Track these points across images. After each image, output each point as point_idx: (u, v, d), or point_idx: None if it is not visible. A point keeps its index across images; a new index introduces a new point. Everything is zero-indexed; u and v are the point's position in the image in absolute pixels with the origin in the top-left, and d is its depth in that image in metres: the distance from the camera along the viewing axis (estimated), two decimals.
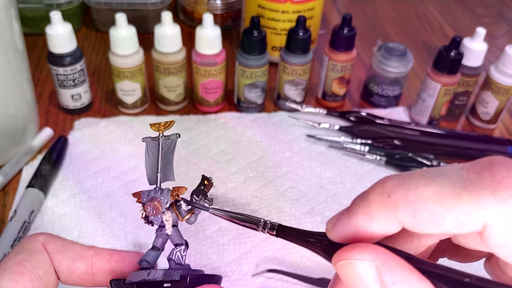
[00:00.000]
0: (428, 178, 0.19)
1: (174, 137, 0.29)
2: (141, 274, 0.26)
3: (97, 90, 0.69)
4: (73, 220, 0.51)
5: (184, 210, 0.28)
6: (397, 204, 0.20)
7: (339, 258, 0.20)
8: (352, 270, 0.20)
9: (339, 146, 0.61)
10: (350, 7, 0.95)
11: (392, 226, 0.20)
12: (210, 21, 0.58)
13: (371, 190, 0.21)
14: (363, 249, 0.20)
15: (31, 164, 0.56)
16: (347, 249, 0.20)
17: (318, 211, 0.53)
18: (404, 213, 0.20)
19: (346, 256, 0.20)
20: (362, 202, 0.21)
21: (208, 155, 0.59)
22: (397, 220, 0.20)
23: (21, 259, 0.26)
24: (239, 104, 0.66)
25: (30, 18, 0.76)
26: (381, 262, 0.19)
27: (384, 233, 0.21)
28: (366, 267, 0.19)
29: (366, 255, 0.19)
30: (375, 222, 0.20)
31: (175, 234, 0.28)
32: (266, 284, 0.46)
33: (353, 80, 0.73)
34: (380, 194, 0.20)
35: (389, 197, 0.20)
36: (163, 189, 0.28)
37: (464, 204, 0.18)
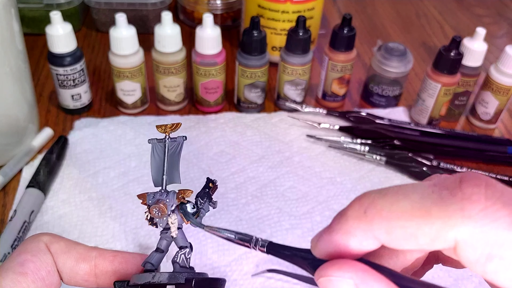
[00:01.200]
0: (402, 194, 0.20)
1: (181, 139, 0.29)
2: (145, 276, 0.26)
3: (97, 90, 0.69)
4: (73, 220, 0.51)
5: (189, 212, 0.28)
6: (372, 220, 0.20)
7: (320, 275, 0.21)
8: (332, 287, 0.20)
9: (339, 146, 0.61)
10: (350, 7, 0.95)
11: (370, 242, 0.20)
12: (210, 21, 0.58)
13: (350, 207, 0.21)
14: (341, 266, 0.20)
15: (31, 164, 0.56)
16: (327, 266, 0.20)
17: (318, 211, 0.53)
18: (379, 230, 0.20)
19: (326, 273, 0.20)
20: (340, 219, 0.21)
21: (208, 155, 0.59)
22: (373, 237, 0.20)
23: (24, 259, 0.26)
24: (239, 104, 0.66)
25: (30, 18, 0.76)
26: (360, 280, 0.19)
27: (363, 249, 0.21)
28: (344, 284, 0.20)
29: (345, 272, 0.20)
30: (353, 238, 0.21)
31: (180, 236, 0.28)
32: (266, 284, 0.46)
33: (353, 80, 0.73)
34: (357, 211, 0.21)
35: (365, 214, 0.20)
36: (169, 192, 0.28)
37: (434, 220, 0.18)
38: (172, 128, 0.29)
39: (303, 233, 0.51)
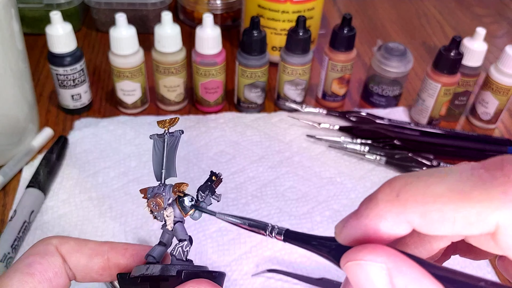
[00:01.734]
0: (438, 176, 0.19)
1: (178, 133, 0.29)
2: (141, 268, 0.26)
3: (97, 90, 0.69)
4: (73, 220, 0.51)
5: (187, 206, 0.28)
6: (406, 203, 0.19)
7: (348, 259, 0.19)
8: (362, 272, 0.19)
9: (339, 146, 0.61)
10: (350, 7, 0.95)
11: (402, 227, 0.19)
12: (210, 21, 0.58)
13: (379, 191, 0.20)
14: (373, 250, 0.19)
15: (31, 164, 0.56)
16: (356, 250, 0.19)
17: (318, 211, 0.53)
18: (413, 213, 0.19)
19: (355, 256, 0.19)
20: (370, 203, 0.20)
21: (208, 155, 0.59)
22: (406, 221, 0.19)
23: (32, 261, 0.26)
24: (239, 104, 0.66)
25: (30, 18, 0.76)
26: (393, 264, 0.18)
27: (393, 234, 0.20)
28: (376, 269, 0.18)
29: (377, 256, 0.18)
30: (384, 223, 0.20)
31: (179, 229, 0.28)
32: (266, 284, 0.46)
33: (353, 80, 0.73)
34: (388, 194, 0.20)
35: (398, 197, 0.19)
36: (166, 185, 0.29)
37: (475, 203, 0.17)
38: (170, 122, 0.29)
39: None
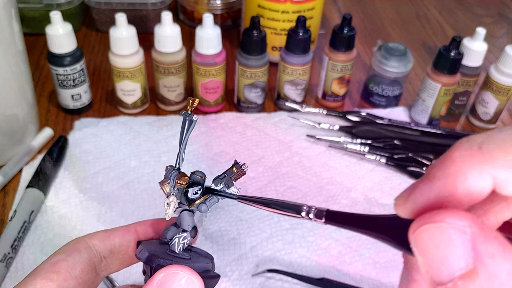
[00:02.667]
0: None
1: (193, 118, 0.27)
2: (140, 248, 0.27)
3: (97, 90, 0.69)
4: (73, 220, 0.51)
5: (190, 197, 0.27)
6: (492, 154, 0.17)
7: (424, 222, 0.17)
8: (440, 236, 0.16)
9: (339, 146, 0.61)
10: (350, 7, 0.95)
11: (483, 184, 0.17)
12: (210, 21, 0.58)
13: (454, 148, 0.18)
14: (456, 213, 0.16)
15: (31, 164, 0.56)
16: (434, 214, 0.17)
17: None
18: (500, 165, 0.17)
19: (434, 219, 0.17)
20: (444, 163, 0.18)
21: (208, 155, 0.59)
22: (491, 176, 0.17)
23: (58, 259, 0.26)
24: (239, 104, 0.66)
25: (30, 18, 0.76)
26: (478, 229, 0.16)
27: (471, 197, 0.18)
28: (458, 232, 0.16)
29: (461, 219, 0.16)
30: (462, 182, 0.17)
31: (184, 219, 0.27)
32: (266, 284, 0.46)
33: (353, 80, 0.73)
34: (467, 149, 0.18)
35: (480, 149, 0.17)
36: (175, 172, 0.28)
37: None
38: (191, 103, 0.27)
39: (303, 233, 0.51)
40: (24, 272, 0.45)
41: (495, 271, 0.15)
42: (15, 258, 0.46)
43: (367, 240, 0.51)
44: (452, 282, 0.16)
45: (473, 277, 0.15)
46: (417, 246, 0.17)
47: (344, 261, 0.49)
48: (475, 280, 0.15)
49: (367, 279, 0.47)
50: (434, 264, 0.17)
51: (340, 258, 0.49)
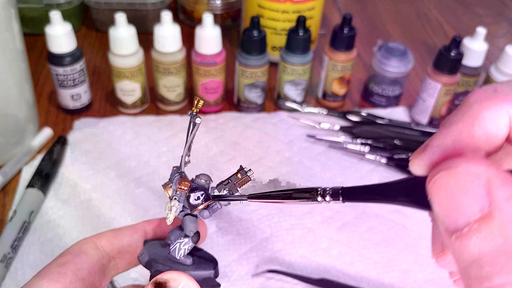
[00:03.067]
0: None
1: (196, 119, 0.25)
2: (143, 251, 0.27)
3: (97, 90, 0.69)
4: (73, 220, 0.50)
5: (192, 203, 0.26)
6: (507, 95, 0.17)
7: (439, 170, 0.17)
8: (456, 183, 0.16)
9: (339, 146, 0.60)
10: (350, 7, 0.95)
11: (501, 124, 0.17)
12: (210, 21, 0.58)
13: (470, 96, 0.18)
14: (472, 158, 0.16)
15: (31, 164, 0.56)
16: (451, 160, 0.17)
17: (318, 211, 0.53)
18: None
19: (450, 165, 0.17)
20: (460, 109, 0.18)
21: (208, 155, 0.59)
22: (507, 114, 0.17)
23: (65, 260, 0.26)
24: (239, 104, 0.66)
25: (30, 18, 0.76)
26: (495, 174, 0.16)
27: (490, 137, 0.18)
28: (474, 178, 0.16)
29: (477, 164, 0.16)
30: (480, 121, 0.17)
31: (186, 224, 0.27)
32: (266, 284, 0.46)
33: (353, 80, 0.73)
34: (483, 93, 0.18)
35: (496, 91, 0.18)
36: (177, 175, 0.27)
37: None
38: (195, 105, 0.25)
39: (303, 233, 0.51)
40: (24, 272, 0.45)
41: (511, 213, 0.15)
42: (15, 258, 0.46)
43: (367, 240, 0.51)
44: (468, 227, 0.16)
45: (489, 221, 0.15)
46: (433, 195, 0.17)
47: (344, 261, 0.49)
48: (491, 223, 0.15)
49: (367, 279, 0.47)
50: (449, 211, 0.16)
51: (340, 258, 0.49)
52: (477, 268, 0.15)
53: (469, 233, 0.16)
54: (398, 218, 0.53)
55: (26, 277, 0.45)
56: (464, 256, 0.16)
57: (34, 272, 0.46)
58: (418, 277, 0.48)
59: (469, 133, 0.18)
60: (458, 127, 0.18)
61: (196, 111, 0.25)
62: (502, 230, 0.15)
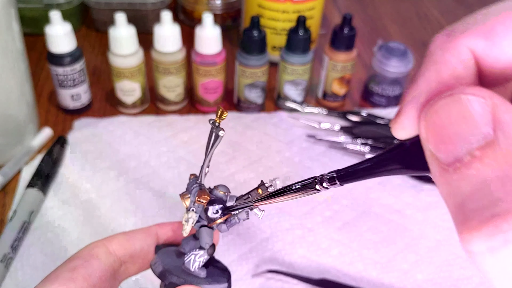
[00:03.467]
0: (492, 7, 0.17)
1: (219, 132, 0.25)
2: (155, 259, 0.26)
3: (97, 90, 0.69)
4: (73, 220, 0.50)
5: (210, 216, 0.26)
6: (465, 29, 0.17)
7: (441, 98, 0.16)
8: (458, 108, 0.15)
9: (340, 146, 0.60)
10: (351, 7, 0.95)
11: (467, 61, 0.17)
12: (210, 21, 0.58)
13: (429, 45, 0.18)
14: (475, 86, 0.15)
15: (31, 164, 0.56)
16: (452, 90, 0.16)
17: (318, 211, 0.53)
18: (474, 37, 0.16)
19: (453, 92, 0.15)
20: (424, 62, 0.18)
21: None
22: (469, 49, 0.17)
23: (76, 265, 0.25)
24: (239, 104, 0.66)
25: (30, 18, 0.76)
26: (499, 100, 0.15)
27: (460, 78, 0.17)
28: (480, 103, 0.15)
29: (481, 90, 0.15)
30: (447, 66, 0.17)
31: (203, 235, 0.26)
32: (266, 285, 0.46)
33: (353, 80, 0.73)
34: (441, 38, 0.17)
35: (452, 32, 0.17)
36: (196, 187, 0.27)
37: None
38: (220, 115, 0.25)
39: (303, 233, 0.51)
40: (24, 272, 0.45)
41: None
42: (15, 258, 0.46)
43: (367, 240, 0.51)
44: (470, 155, 0.15)
45: (494, 147, 0.14)
46: (428, 129, 0.16)
47: (344, 261, 0.49)
48: (496, 148, 0.14)
49: (367, 279, 0.47)
50: (447, 141, 0.15)
51: (340, 259, 0.49)
52: (478, 198, 0.14)
53: (472, 161, 0.15)
54: (398, 218, 0.53)
55: (26, 277, 0.45)
56: (463, 188, 0.15)
57: (34, 272, 0.46)
58: (418, 277, 0.48)
59: (438, 80, 0.17)
60: (425, 78, 0.17)
61: (219, 122, 0.25)
62: (508, 155, 0.14)
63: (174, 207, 0.53)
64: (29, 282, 0.45)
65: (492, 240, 0.14)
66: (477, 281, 0.48)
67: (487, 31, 0.16)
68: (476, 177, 0.15)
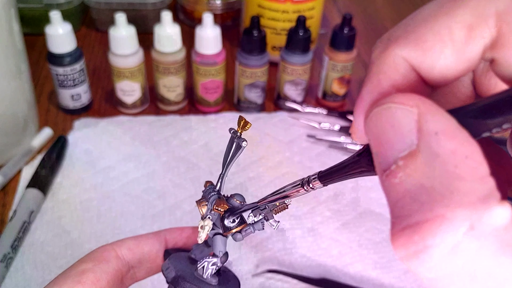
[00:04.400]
0: (415, 13, 0.17)
1: (242, 143, 0.25)
2: (166, 264, 0.26)
3: (97, 90, 0.69)
4: (73, 220, 0.50)
5: (227, 225, 0.26)
6: (398, 40, 0.17)
7: (375, 106, 0.16)
8: (388, 117, 0.16)
9: (340, 146, 0.60)
10: (350, 7, 0.95)
11: (402, 71, 0.17)
12: (210, 21, 0.58)
13: (372, 54, 0.18)
14: (406, 94, 0.16)
15: (31, 164, 0.56)
16: (384, 98, 0.16)
17: (318, 211, 0.53)
18: (406, 47, 0.17)
19: (384, 101, 0.16)
20: (368, 70, 0.18)
21: (208, 155, 0.59)
22: (403, 59, 0.17)
23: (85, 268, 0.25)
24: (239, 104, 0.66)
25: (30, 18, 0.76)
26: (426, 108, 0.15)
27: (400, 87, 0.17)
28: (405, 112, 0.15)
29: (409, 99, 0.15)
30: (386, 77, 0.17)
31: (217, 243, 0.26)
32: (266, 284, 0.46)
33: (353, 80, 0.73)
34: (379, 46, 0.18)
35: (389, 40, 0.17)
36: (213, 195, 0.27)
37: (467, 2, 0.15)
38: (243, 126, 0.25)
39: (303, 233, 0.51)
40: (24, 272, 0.45)
41: (438, 149, 0.14)
42: (15, 258, 0.46)
43: (367, 240, 0.51)
44: (395, 164, 0.15)
45: (415, 157, 0.15)
46: (368, 134, 0.17)
47: (344, 261, 0.49)
48: (416, 159, 0.15)
49: (367, 279, 0.47)
50: (381, 149, 0.16)
51: (340, 258, 0.49)
52: (399, 207, 0.15)
53: (396, 170, 0.15)
54: None
55: (26, 277, 0.45)
56: (392, 195, 0.15)
57: (34, 272, 0.46)
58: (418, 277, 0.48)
59: (378, 91, 0.17)
60: (368, 89, 0.17)
61: (241, 132, 0.25)
62: (426, 167, 0.14)
63: (174, 207, 0.53)
64: (29, 282, 0.45)
65: (406, 249, 0.14)
66: None
67: (417, 38, 0.16)
68: (399, 186, 0.15)
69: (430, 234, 0.14)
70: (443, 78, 0.17)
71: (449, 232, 0.13)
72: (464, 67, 0.17)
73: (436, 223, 0.14)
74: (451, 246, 0.13)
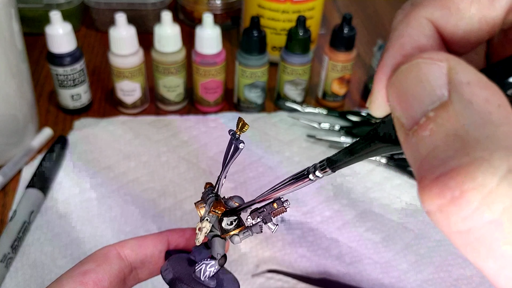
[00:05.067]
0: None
1: (239, 145, 0.25)
2: (165, 265, 0.26)
3: (97, 90, 0.69)
4: (73, 220, 0.50)
5: (224, 227, 0.26)
6: (422, 2, 0.17)
7: (402, 64, 0.16)
8: (417, 73, 0.15)
9: (340, 146, 0.60)
10: (350, 7, 0.95)
11: (427, 32, 0.17)
12: (210, 21, 0.58)
13: (393, 21, 0.18)
14: (433, 51, 0.16)
15: (31, 164, 0.56)
16: (413, 57, 0.16)
17: (318, 211, 0.53)
18: (432, 7, 0.17)
19: (412, 58, 0.16)
20: (389, 39, 0.18)
21: (208, 155, 0.59)
22: (429, 21, 0.17)
23: (87, 269, 0.25)
24: (239, 104, 0.66)
25: (30, 18, 0.76)
26: (456, 62, 0.15)
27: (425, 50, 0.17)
28: (434, 67, 0.15)
29: (438, 54, 0.15)
30: (410, 40, 0.17)
31: (215, 245, 0.26)
32: (266, 284, 0.46)
33: (353, 80, 0.73)
34: (402, 12, 0.18)
35: (412, 5, 0.18)
36: (212, 197, 0.26)
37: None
38: (241, 128, 0.25)
39: (303, 233, 0.51)
40: (24, 272, 0.45)
41: (471, 97, 0.14)
42: (15, 258, 0.46)
43: (367, 240, 0.51)
44: (425, 117, 0.15)
45: (446, 107, 0.14)
46: (393, 94, 0.16)
47: (344, 261, 0.49)
48: (449, 108, 0.14)
49: (367, 279, 0.47)
50: (408, 105, 0.16)
51: (340, 258, 0.49)
52: (431, 158, 0.14)
53: (426, 123, 0.15)
54: (398, 218, 0.53)
55: (26, 277, 0.45)
56: (420, 151, 0.15)
57: (34, 272, 0.46)
58: (418, 277, 0.48)
59: (402, 54, 0.17)
60: (391, 53, 0.17)
61: (239, 134, 0.25)
62: (459, 115, 0.14)
63: (173, 207, 0.53)
64: (29, 282, 0.45)
65: (441, 198, 0.14)
66: (477, 281, 0.48)
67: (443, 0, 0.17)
68: (430, 138, 0.15)
69: (469, 177, 0.13)
70: (466, 41, 0.17)
71: (488, 175, 0.13)
72: (487, 29, 0.17)
73: (474, 165, 0.13)
74: (489, 190, 0.13)
